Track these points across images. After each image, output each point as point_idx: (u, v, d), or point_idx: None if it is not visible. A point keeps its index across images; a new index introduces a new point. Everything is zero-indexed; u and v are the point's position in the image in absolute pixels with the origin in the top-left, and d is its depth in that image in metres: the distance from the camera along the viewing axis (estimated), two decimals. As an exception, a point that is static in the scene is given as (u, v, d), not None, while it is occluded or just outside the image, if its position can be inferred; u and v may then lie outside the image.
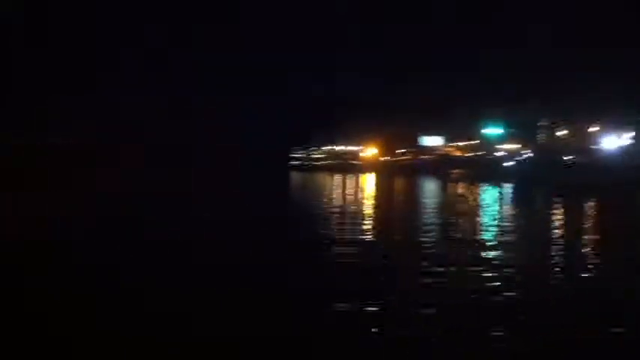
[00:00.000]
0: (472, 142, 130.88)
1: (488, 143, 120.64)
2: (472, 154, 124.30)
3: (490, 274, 14.61)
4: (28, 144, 77.73)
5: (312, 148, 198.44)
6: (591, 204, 38.92)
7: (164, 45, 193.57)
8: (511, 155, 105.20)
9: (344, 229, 24.85)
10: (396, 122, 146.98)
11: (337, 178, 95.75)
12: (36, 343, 9.10)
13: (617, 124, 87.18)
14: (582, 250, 19.36)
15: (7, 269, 14.96)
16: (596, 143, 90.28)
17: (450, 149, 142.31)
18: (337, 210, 34.64)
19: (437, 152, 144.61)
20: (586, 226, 27.93)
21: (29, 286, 12.98)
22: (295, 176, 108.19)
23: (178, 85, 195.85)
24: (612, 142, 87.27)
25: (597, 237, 23.50)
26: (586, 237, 23.16)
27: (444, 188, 63.66)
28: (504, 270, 15.19)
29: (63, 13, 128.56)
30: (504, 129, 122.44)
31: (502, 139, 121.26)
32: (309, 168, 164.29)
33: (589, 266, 16.35)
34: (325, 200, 45.01)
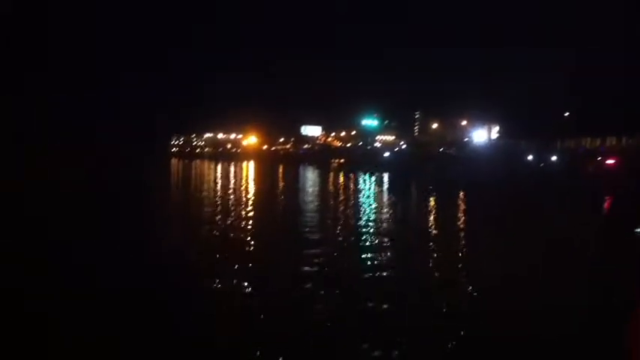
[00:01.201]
0: (351, 133, 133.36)
1: (367, 134, 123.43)
2: (351, 144, 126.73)
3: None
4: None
5: (193, 136, 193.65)
6: (454, 196, 40.36)
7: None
8: (387, 146, 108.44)
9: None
10: (277, 112, 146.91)
11: (219, 166, 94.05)
12: None
13: (485, 118, 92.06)
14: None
15: None
16: (466, 136, 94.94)
17: (330, 139, 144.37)
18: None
19: (317, 142, 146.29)
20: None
21: None
22: (176, 164, 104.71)
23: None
24: (481, 135, 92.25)
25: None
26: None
27: (323, 177, 64.17)
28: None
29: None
30: (381, 121, 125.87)
31: (380, 131, 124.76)
32: (191, 155, 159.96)
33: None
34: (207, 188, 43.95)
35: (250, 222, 22.99)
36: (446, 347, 8.89)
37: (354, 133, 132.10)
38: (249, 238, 18.77)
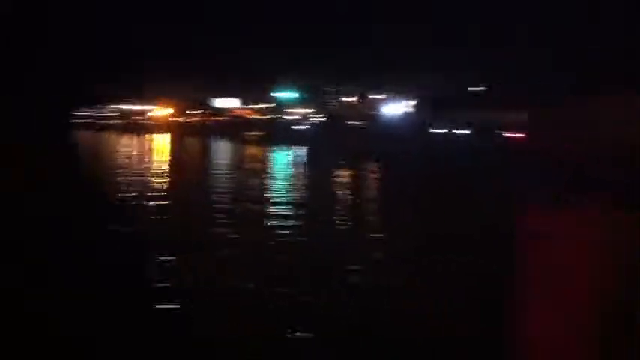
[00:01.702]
0: (267, 105, 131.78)
1: (282, 107, 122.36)
2: (266, 117, 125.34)
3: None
4: None
5: (101, 107, 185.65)
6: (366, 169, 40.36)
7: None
8: (303, 119, 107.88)
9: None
10: (189, 82, 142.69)
11: (126, 138, 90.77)
12: None
13: (400, 92, 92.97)
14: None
15: None
16: (380, 110, 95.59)
17: (244, 111, 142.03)
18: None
19: (231, 114, 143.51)
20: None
21: None
22: (83, 136, 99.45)
23: None
24: (394, 109, 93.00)
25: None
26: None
27: (235, 150, 62.87)
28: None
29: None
30: (296, 93, 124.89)
31: (295, 103, 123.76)
32: (98, 128, 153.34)
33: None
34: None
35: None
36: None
37: (270, 105, 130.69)
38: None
